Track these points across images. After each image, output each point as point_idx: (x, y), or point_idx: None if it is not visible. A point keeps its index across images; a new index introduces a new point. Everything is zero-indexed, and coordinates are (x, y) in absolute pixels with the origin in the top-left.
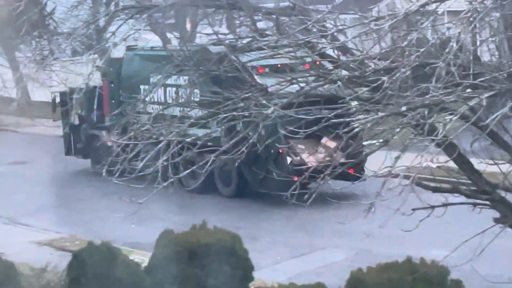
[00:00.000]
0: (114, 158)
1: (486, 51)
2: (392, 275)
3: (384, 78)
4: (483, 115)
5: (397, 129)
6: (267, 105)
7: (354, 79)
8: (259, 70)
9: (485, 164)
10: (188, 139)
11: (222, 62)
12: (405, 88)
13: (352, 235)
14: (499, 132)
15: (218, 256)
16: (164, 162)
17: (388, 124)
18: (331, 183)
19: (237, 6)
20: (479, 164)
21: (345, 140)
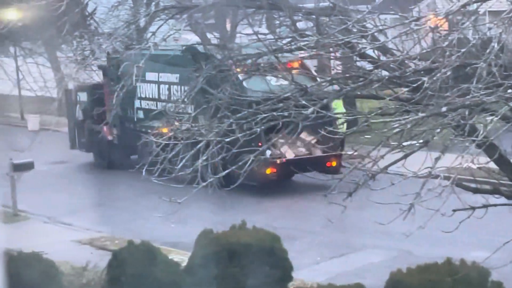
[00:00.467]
0: (154, 158)
1: None
2: (432, 277)
3: (425, 79)
4: None
5: (438, 130)
6: (307, 106)
7: (394, 80)
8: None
9: None
10: (228, 139)
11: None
12: (446, 89)
13: (392, 236)
14: None
15: (258, 256)
16: (204, 162)
17: (428, 125)
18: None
19: (277, 7)
20: None
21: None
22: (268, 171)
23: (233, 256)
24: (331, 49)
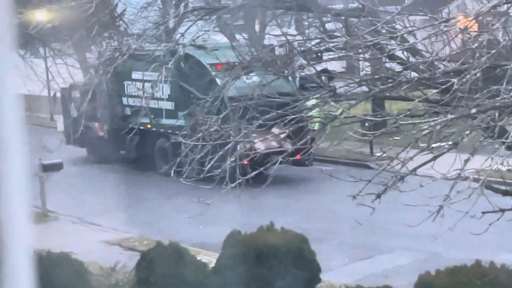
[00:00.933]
0: (183, 159)
1: None
2: (461, 279)
3: (454, 80)
4: None
5: (467, 132)
6: (336, 107)
7: (424, 81)
8: (218, 67)
9: None
10: (256, 140)
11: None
12: (475, 90)
13: (421, 238)
14: None
15: (285, 258)
16: (232, 163)
17: (458, 127)
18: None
19: (306, 8)
20: None
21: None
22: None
23: (261, 258)
24: (360, 50)
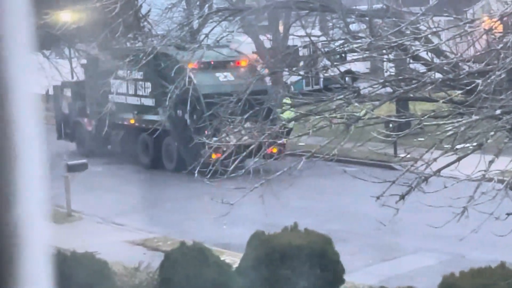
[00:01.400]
0: (207, 159)
1: None
2: (485, 281)
3: (479, 81)
4: None
5: (491, 133)
6: (359, 107)
7: (448, 82)
8: (194, 66)
9: None
10: (280, 141)
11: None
12: (500, 91)
13: (445, 239)
14: None
15: (309, 258)
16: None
17: (482, 128)
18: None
19: (330, 9)
20: None
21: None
22: (214, 156)
23: (285, 258)
24: (384, 51)
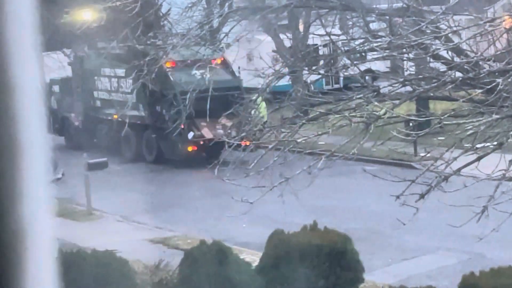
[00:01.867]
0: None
1: None
2: (505, 281)
3: (499, 80)
4: None
5: None
6: (379, 106)
7: (468, 81)
8: (172, 64)
9: None
10: (299, 140)
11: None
12: None
13: (465, 239)
14: None
15: (329, 257)
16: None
17: (503, 127)
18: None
19: (350, 7)
20: None
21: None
22: (190, 149)
23: (304, 257)
24: (404, 50)
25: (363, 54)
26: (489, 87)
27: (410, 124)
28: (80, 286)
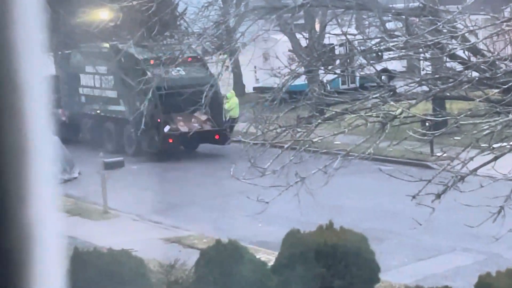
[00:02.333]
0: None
1: None
2: None
3: None
4: None
5: None
6: (395, 106)
7: (485, 81)
8: (151, 62)
9: None
10: (315, 139)
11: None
12: None
13: (481, 239)
14: None
15: (345, 257)
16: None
17: None
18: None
19: (367, 7)
20: None
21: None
22: (166, 141)
23: (320, 257)
24: (421, 50)
25: (379, 54)
26: (506, 87)
27: (426, 124)
28: (96, 285)
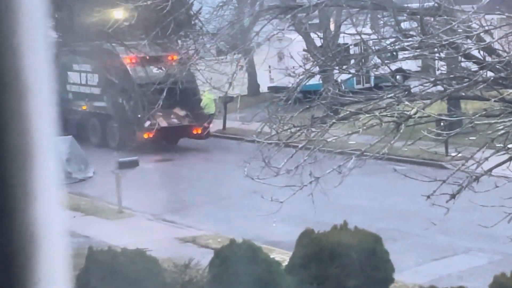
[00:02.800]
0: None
1: None
2: None
3: None
4: None
5: None
6: (410, 106)
7: (500, 81)
8: (131, 60)
9: None
10: (330, 139)
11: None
12: None
13: (496, 239)
14: None
15: (359, 257)
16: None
17: None
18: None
19: (382, 7)
20: None
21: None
22: (146, 136)
23: (334, 257)
24: (436, 50)
25: (394, 53)
26: None
27: (441, 124)
28: (111, 284)
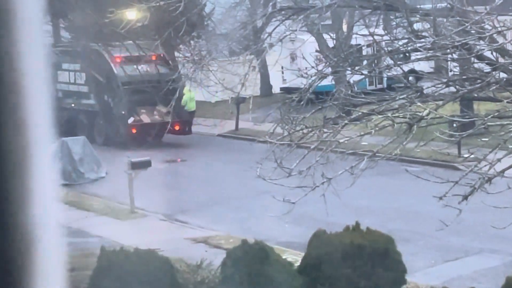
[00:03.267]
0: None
1: None
2: None
3: None
4: None
5: None
6: (423, 107)
7: None
8: (117, 59)
9: None
10: (342, 140)
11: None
12: None
13: (509, 240)
14: None
15: (371, 258)
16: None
17: None
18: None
19: (394, 8)
20: None
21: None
22: (130, 132)
23: (347, 258)
24: (448, 51)
25: (407, 55)
26: None
27: (454, 125)
28: (123, 284)
